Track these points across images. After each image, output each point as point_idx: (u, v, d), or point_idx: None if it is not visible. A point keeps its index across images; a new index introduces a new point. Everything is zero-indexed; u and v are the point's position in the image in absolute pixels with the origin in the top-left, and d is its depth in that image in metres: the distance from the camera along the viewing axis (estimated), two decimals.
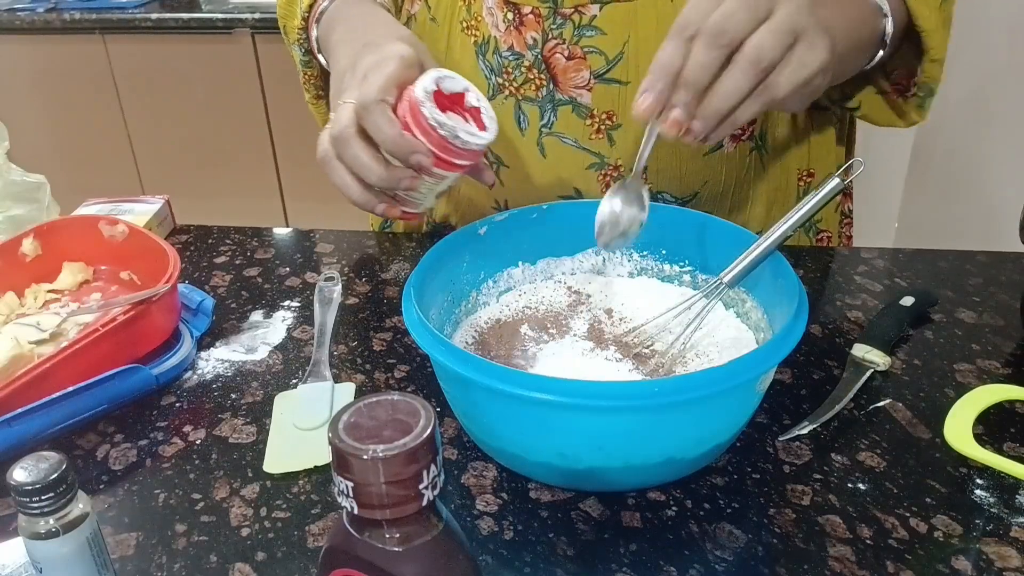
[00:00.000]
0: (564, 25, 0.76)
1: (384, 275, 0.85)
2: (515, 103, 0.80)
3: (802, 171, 0.86)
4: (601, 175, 0.81)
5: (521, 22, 0.77)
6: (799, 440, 0.62)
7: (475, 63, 0.81)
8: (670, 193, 0.82)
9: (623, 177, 0.79)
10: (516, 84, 0.80)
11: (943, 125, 1.86)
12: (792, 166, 0.85)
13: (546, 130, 0.80)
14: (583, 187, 0.81)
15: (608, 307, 0.69)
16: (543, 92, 0.79)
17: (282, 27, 0.86)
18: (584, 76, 0.77)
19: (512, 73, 0.79)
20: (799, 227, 0.63)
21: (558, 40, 0.77)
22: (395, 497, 0.33)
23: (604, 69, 0.77)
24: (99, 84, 2.26)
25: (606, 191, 0.71)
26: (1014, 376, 0.68)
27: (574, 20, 0.76)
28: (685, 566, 0.52)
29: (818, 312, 0.76)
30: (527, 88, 0.79)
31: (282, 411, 0.66)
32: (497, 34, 0.79)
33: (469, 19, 0.81)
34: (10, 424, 0.60)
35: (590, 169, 0.81)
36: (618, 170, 0.80)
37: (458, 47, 0.82)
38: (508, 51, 0.79)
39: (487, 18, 0.80)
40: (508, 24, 0.78)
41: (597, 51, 0.76)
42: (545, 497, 0.58)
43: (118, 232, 0.80)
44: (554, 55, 0.77)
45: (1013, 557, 0.52)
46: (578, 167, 0.81)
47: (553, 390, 0.51)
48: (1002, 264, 0.83)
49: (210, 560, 0.54)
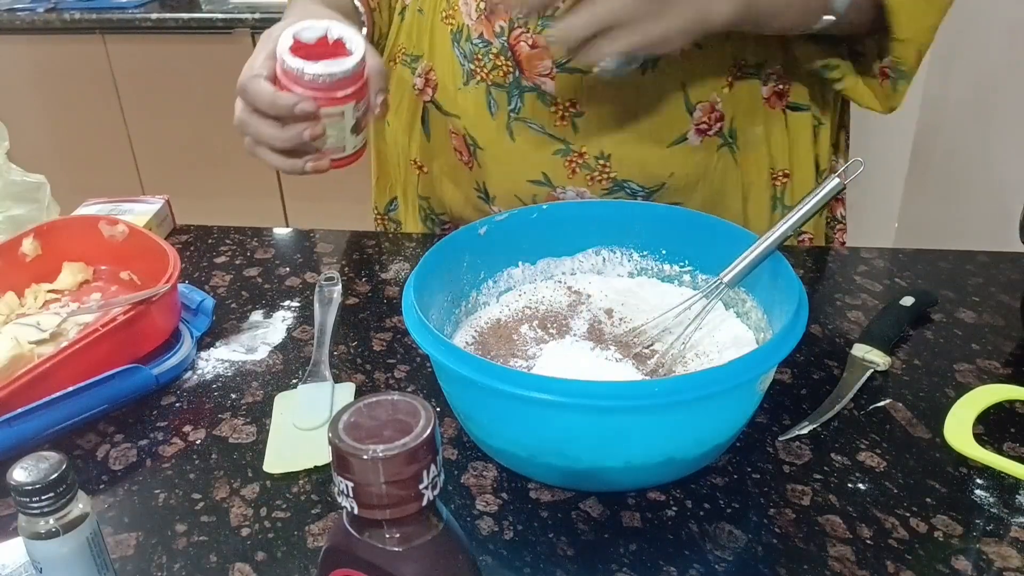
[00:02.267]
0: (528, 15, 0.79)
1: (384, 275, 0.85)
2: (485, 88, 0.83)
3: (776, 171, 0.86)
4: (567, 161, 0.83)
5: (491, 11, 0.81)
6: (799, 440, 0.62)
7: (451, 50, 0.85)
8: (635, 182, 0.83)
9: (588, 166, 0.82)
10: (486, 70, 0.83)
11: (943, 125, 1.86)
12: (765, 165, 0.86)
13: (514, 115, 0.83)
14: (550, 172, 0.83)
15: (608, 307, 0.69)
16: (510, 79, 0.82)
17: None
18: (547, 64, 0.80)
19: (482, 60, 0.83)
20: (799, 227, 0.63)
21: (522, 29, 0.80)
22: (395, 497, 0.33)
23: (566, 58, 0.79)
24: (99, 84, 2.26)
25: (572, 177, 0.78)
26: (1014, 376, 0.68)
27: None
28: (685, 566, 0.52)
29: (818, 312, 0.76)
30: (495, 74, 0.82)
31: (282, 411, 0.66)
32: (470, 23, 0.83)
33: (448, 9, 0.85)
34: (10, 424, 0.60)
35: (556, 155, 0.83)
36: (582, 157, 0.82)
37: (439, 36, 0.86)
38: (479, 39, 0.82)
39: (462, 7, 0.84)
40: (480, 13, 0.82)
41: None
42: (545, 497, 0.58)
43: (118, 232, 0.80)
44: (519, 43, 0.80)
45: (1013, 557, 0.52)
46: (545, 152, 0.83)
47: (553, 390, 0.51)
48: (1002, 264, 0.82)
49: (210, 560, 0.54)
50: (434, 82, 0.88)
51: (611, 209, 0.72)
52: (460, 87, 0.85)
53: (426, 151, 0.93)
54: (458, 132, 0.87)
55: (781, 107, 0.84)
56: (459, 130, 0.87)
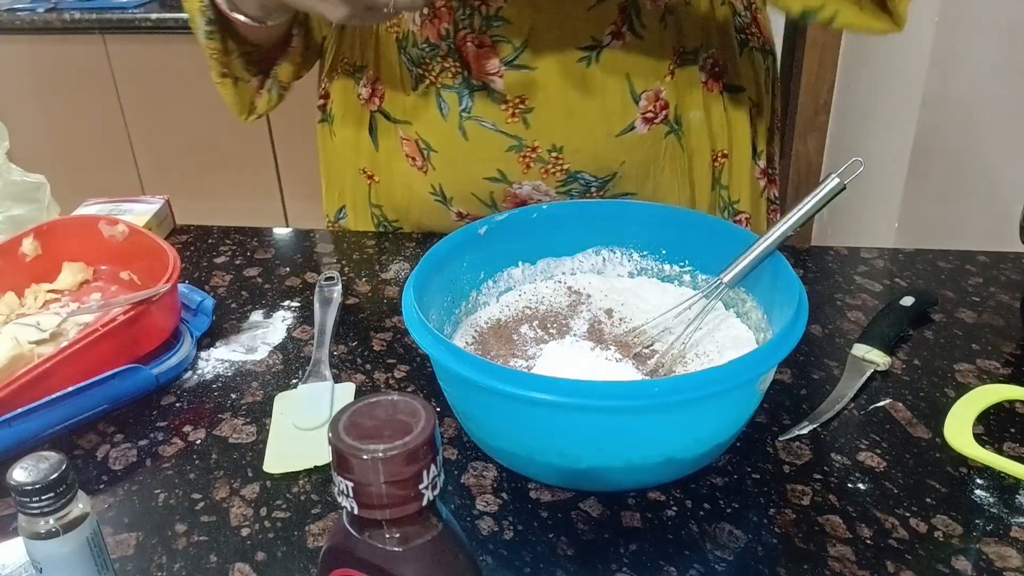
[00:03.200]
0: (472, 16, 0.79)
1: (384, 275, 0.85)
2: (435, 91, 0.83)
3: (716, 152, 0.88)
4: (520, 157, 0.83)
5: (435, 15, 0.81)
6: (799, 440, 0.62)
7: (398, 58, 0.85)
8: (588, 172, 0.84)
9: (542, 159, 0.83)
10: (434, 74, 0.83)
11: (943, 125, 1.86)
12: (707, 148, 0.87)
13: (465, 115, 0.83)
14: (505, 168, 0.84)
15: (608, 307, 0.69)
16: (459, 79, 0.82)
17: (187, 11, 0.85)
18: (494, 64, 0.80)
19: (430, 64, 0.83)
20: (799, 227, 0.63)
21: (467, 29, 0.80)
22: (395, 497, 0.33)
23: (512, 56, 0.79)
24: (99, 84, 2.26)
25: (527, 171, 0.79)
26: (1014, 376, 0.68)
27: (481, 11, 0.79)
28: (685, 566, 0.52)
29: (818, 312, 0.76)
30: (444, 76, 0.82)
31: (282, 411, 0.66)
32: (414, 28, 0.83)
33: None
34: (10, 424, 0.60)
35: (510, 151, 0.83)
36: (535, 151, 0.83)
37: (384, 46, 0.86)
38: (424, 43, 0.82)
39: (406, 14, 0.83)
40: (424, 18, 0.82)
41: (504, 39, 0.79)
42: (545, 497, 0.58)
43: (118, 232, 0.80)
44: (465, 43, 0.80)
45: (1013, 557, 0.52)
46: (499, 149, 0.83)
47: (553, 390, 0.51)
48: (1002, 264, 0.83)
49: (210, 560, 0.54)
50: (381, 92, 0.87)
51: (611, 209, 0.73)
52: (409, 93, 0.85)
53: (375, 160, 0.92)
54: (410, 138, 0.87)
55: (719, 89, 0.86)
56: (411, 136, 0.87)
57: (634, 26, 0.80)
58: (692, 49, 0.83)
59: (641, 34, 0.80)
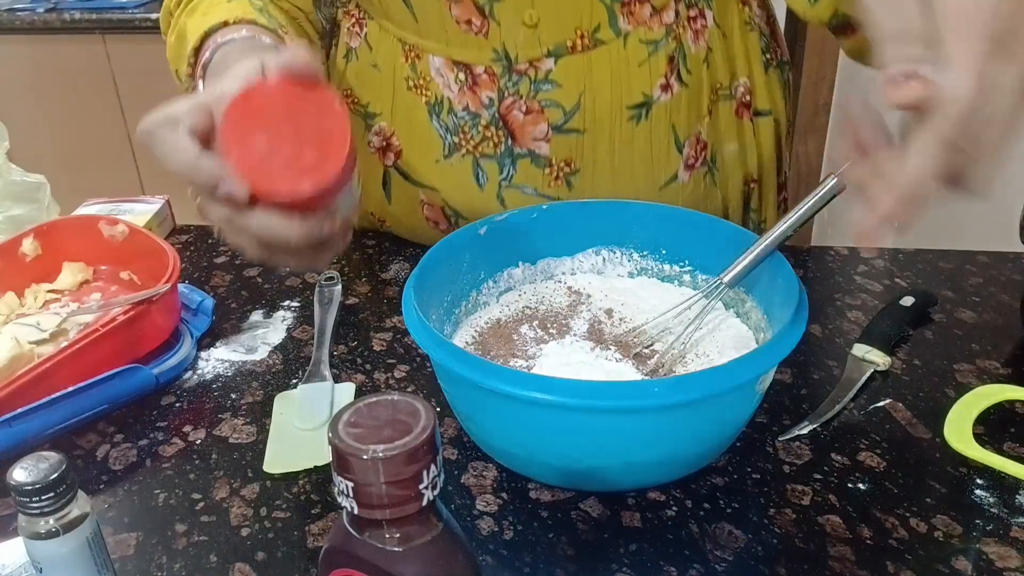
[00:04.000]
0: (520, 81, 0.76)
1: (384, 275, 0.85)
2: (472, 160, 0.79)
3: (748, 178, 0.87)
4: None
5: (475, 82, 0.76)
6: (799, 440, 0.62)
7: (428, 122, 0.80)
8: None
9: None
10: (473, 143, 0.79)
11: None
12: (740, 177, 0.86)
13: (505, 183, 0.79)
14: None
15: (608, 307, 0.69)
16: (501, 148, 0.78)
17: (174, 71, 0.78)
18: (542, 129, 0.77)
19: (468, 132, 0.78)
20: (798, 227, 0.63)
21: (515, 96, 0.76)
22: (395, 497, 0.33)
23: (562, 121, 0.76)
24: (99, 84, 2.26)
25: None
26: (1014, 376, 0.68)
27: (530, 75, 0.75)
28: (685, 566, 0.52)
29: (818, 312, 0.76)
30: (485, 146, 0.78)
31: (282, 411, 0.66)
32: (450, 94, 0.78)
33: (416, 78, 0.79)
34: (10, 424, 0.60)
35: None
36: None
37: (407, 106, 0.81)
38: (463, 111, 0.78)
39: (437, 79, 0.78)
40: (461, 85, 0.77)
41: (554, 104, 0.76)
42: (545, 497, 0.58)
43: (118, 232, 0.80)
44: (511, 112, 0.76)
45: (1013, 557, 0.52)
46: None
47: (553, 390, 0.51)
48: (1002, 264, 0.83)
49: (210, 560, 0.54)
50: (398, 149, 0.83)
51: (611, 209, 0.72)
52: (439, 160, 0.80)
53: (386, 210, 0.88)
54: (434, 204, 0.83)
55: (749, 116, 0.84)
56: (436, 202, 0.83)
57: (681, 75, 0.78)
58: (727, 84, 0.82)
59: (687, 81, 0.78)
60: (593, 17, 0.74)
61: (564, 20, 0.74)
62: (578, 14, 0.73)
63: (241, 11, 0.69)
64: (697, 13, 0.78)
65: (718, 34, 0.80)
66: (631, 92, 0.77)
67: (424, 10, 0.75)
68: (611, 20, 0.74)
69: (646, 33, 0.76)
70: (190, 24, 0.72)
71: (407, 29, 0.78)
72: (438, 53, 0.77)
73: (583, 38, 0.74)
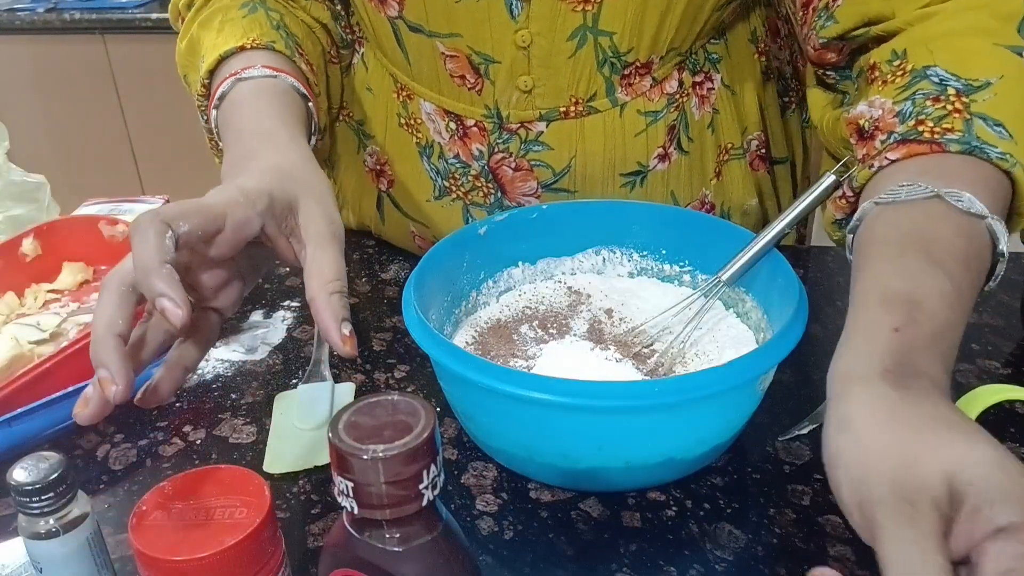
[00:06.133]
0: (510, 140, 0.75)
1: (384, 275, 0.85)
2: (463, 206, 0.79)
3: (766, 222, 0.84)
4: None
5: (465, 133, 0.75)
6: (799, 440, 0.62)
7: (418, 162, 0.79)
8: None
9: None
10: (464, 190, 0.78)
11: None
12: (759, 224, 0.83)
13: None
14: None
15: (608, 307, 0.69)
16: (491, 200, 0.78)
17: (182, 76, 0.78)
18: (532, 186, 0.76)
19: (459, 179, 0.78)
20: (795, 225, 0.63)
21: (504, 153, 0.75)
22: (395, 497, 0.33)
23: (551, 180, 0.76)
24: (99, 84, 2.26)
25: None
26: (1014, 376, 0.68)
27: (520, 135, 0.74)
28: (685, 566, 0.52)
29: (818, 312, 0.76)
30: (475, 195, 0.78)
31: (282, 411, 0.66)
32: (441, 141, 0.77)
33: (407, 116, 0.78)
34: (10, 424, 0.60)
35: None
36: None
37: (399, 141, 0.80)
38: (454, 158, 0.77)
39: (428, 123, 0.77)
40: (452, 133, 0.76)
41: (544, 164, 0.75)
42: (545, 497, 0.58)
43: (118, 232, 0.80)
44: (501, 167, 0.76)
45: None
46: None
47: (553, 390, 0.51)
48: None
49: None
50: (390, 177, 0.82)
51: (611, 209, 0.72)
52: (430, 199, 0.80)
53: (380, 228, 0.88)
54: (426, 237, 0.83)
55: (765, 168, 0.82)
56: (427, 236, 0.82)
57: (681, 143, 0.76)
58: (738, 143, 0.79)
59: (688, 149, 0.76)
60: (590, 87, 0.72)
61: (560, 88, 0.72)
62: (575, 83, 0.72)
63: (258, 30, 0.68)
64: (703, 77, 0.75)
65: (726, 94, 0.77)
66: (625, 161, 0.75)
67: (418, 56, 0.74)
68: (608, 90, 0.73)
69: (645, 104, 0.74)
70: (205, 40, 0.71)
71: (399, 68, 0.77)
72: (429, 100, 0.76)
73: (577, 104, 0.73)
